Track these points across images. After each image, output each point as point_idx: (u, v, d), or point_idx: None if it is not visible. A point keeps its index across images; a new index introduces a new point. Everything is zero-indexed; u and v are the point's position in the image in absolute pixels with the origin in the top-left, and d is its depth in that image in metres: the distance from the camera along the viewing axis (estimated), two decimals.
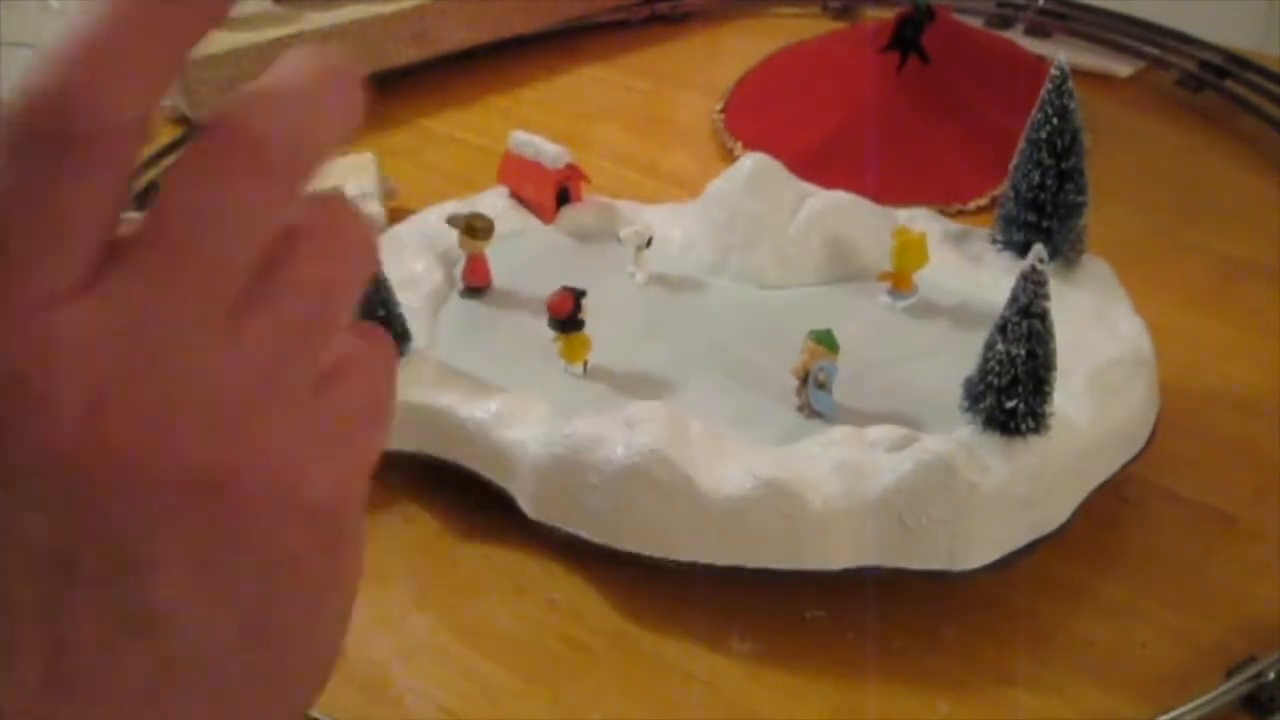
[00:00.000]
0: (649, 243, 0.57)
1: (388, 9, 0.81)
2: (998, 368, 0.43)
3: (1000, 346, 0.43)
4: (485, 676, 0.45)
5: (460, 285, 0.57)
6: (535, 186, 0.61)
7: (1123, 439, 0.47)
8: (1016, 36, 0.85)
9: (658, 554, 0.45)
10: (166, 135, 0.80)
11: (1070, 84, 0.49)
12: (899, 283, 0.54)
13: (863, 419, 0.47)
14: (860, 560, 0.44)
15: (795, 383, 0.48)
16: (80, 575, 0.21)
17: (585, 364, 0.52)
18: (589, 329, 0.52)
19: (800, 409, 0.48)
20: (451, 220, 0.57)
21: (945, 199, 0.68)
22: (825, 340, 0.47)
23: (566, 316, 0.51)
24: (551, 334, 0.52)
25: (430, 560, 0.49)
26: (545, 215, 0.61)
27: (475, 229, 0.56)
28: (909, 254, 0.53)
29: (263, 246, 0.23)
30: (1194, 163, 0.73)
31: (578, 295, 0.51)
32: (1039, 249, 0.41)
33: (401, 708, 0.44)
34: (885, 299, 0.54)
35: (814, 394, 0.47)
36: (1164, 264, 0.64)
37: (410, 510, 0.51)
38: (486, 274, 0.57)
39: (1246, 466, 0.52)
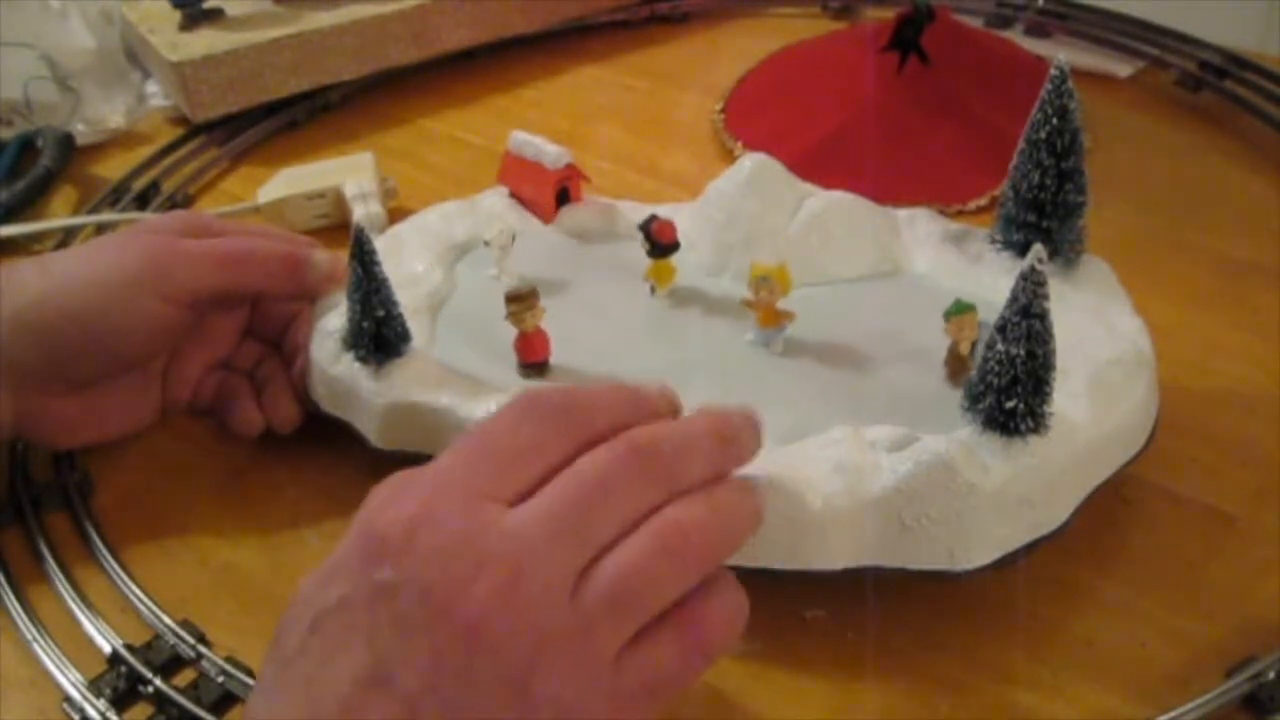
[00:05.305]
0: (513, 239, 0.56)
1: (388, 9, 0.81)
2: (997, 368, 0.43)
3: (1000, 347, 0.43)
4: None
5: (517, 363, 0.51)
6: (535, 186, 0.61)
7: (1123, 439, 0.47)
8: (1016, 36, 0.85)
9: None
10: (166, 135, 0.80)
11: (1070, 84, 0.49)
12: (766, 317, 0.51)
13: (863, 419, 0.47)
14: (860, 560, 0.44)
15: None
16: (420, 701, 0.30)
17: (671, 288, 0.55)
18: (588, 328, 0.52)
19: (958, 384, 0.47)
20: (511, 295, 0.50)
21: (945, 199, 0.68)
22: (965, 308, 0.46)
23: (673, 241, 0.54)
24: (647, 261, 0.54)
25: None
26: (545, 215, 0.61)
27: (521, 297, 0.49)
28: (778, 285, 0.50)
29: (616, 538, 0.33)
30: (1194, 163, 0.73)
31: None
32: (1039, 249, 0.41)
33: None
34: (751, 337, 0.52)
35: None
36: (1164, 264, 0.64)
37: None
38: (546, 344, 0.51)
39: (1246, 466, 0.52)
